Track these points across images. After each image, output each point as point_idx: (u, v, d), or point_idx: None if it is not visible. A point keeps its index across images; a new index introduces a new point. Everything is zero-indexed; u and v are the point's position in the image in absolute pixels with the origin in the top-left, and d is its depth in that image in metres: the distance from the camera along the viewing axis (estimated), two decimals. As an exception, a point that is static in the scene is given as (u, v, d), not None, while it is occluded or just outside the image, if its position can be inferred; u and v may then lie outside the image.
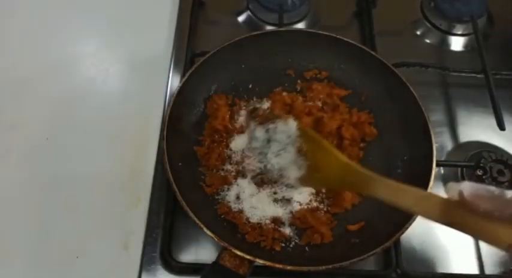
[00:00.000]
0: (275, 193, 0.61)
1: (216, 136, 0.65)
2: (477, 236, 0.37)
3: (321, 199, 0.62)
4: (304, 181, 0.55)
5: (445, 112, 0.74)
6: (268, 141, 0.57)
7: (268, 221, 0.59)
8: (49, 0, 0.81)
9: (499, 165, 0.65)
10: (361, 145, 0.66)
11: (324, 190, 0.62)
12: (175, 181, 0.55)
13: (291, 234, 0.59)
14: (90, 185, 0.64)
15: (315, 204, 0.61)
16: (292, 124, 0.56)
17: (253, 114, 0.59)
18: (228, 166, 0.63)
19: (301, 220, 0.59)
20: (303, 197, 0.61)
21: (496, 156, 0.66)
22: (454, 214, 0.36)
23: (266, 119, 0.57)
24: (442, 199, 0.38)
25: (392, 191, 0.44)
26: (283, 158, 0.56)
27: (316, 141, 0.54)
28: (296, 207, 0.60)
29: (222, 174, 0.62)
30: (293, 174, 0.55)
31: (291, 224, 0.60)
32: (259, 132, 0.58)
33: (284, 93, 0.69)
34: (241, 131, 0.65)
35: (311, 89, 0.69)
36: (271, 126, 0.57)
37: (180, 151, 0.61)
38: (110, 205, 0.63)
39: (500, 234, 0.33)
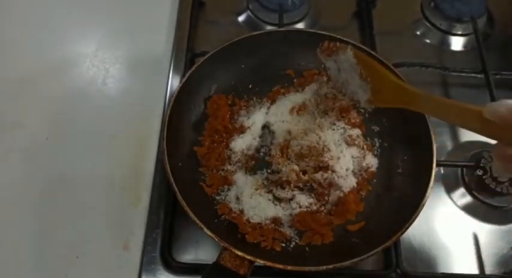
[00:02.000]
0: (274, 194, 0.61)
1: (216, 137, 0.65)
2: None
3: (322, 204, 0.61)
4: (371, 102, 0.58)
5: (445, 112, 0.74)
6: (339, 70, 0.60)
7: (268, 222, 0.59)
8: (49, 0, 0.81)
9: (499, 164, 0.65)
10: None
11: (326, 198, 0.61)
12: (175, 181, 0.55)
13: (292, 235, 0.59)
14: (90, 185, 0.64)
15: (315, 207, 0.60)
16: (349, 53, 0.57)
17: (321, 48, 0.61)
18: (228, 167, 0.63)
19: (301, 223, 0.59)
20: (302, 199, 0.60)
21: (496, 156, 0.66)
22: (491, 126, 0.41)
23: (331, 51, 0.60)
24: (480, 111, 0.42)
25: (436, 105, 0.49)
26: (352, 84, 0.58)
27: (371, 65, 0.57)
28: (296, 209, 0.60)
29: (222, 174, 0.62)
30: (362, 97, 0.58)
31: (291, 226, 0.60)
32: (330, 63, 0.60)
33: (282, 90, 0.69)
34: (241, 131, 0.65)
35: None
36: (336, 57, 0.59)
37: (180, 151, 0.61)
38: (110, 205, 0.63)
39: None
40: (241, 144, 0.63)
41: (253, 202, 0.59)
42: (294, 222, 0.59)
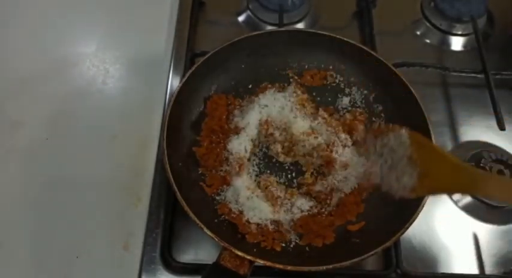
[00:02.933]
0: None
1: (214, 137, 0.64)
2: None
3: (323, 206, 0.61)
4: (415, 190, 0.53)
5: (445, 112, 0.74)
6: (382, 154, 0.56)
7: (268, 223, 0.59)
8: (50, 0, 0.81)
9: (499, 165, 0.65)
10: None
11: (328, 201, 0.61)
12: (175, 181, 0.55)
13: (292, 237, 0.59)
14: (90, 185, 0.64)
15: (316, 210, 0.60)
16: (403, 134, 0.54)
17: (371, 128, 0.59)
18: (226, 167, 0.62)
19: (303, 227, 0.59)
20: (303, 203, 0.60)
21: (496, 156, 0.66)
22: None
23: (381, 132, 0.57)
24: None
25: (505, 188, 0.44)
26: (397, 170, 0.54)
27: (426, 145, 0.53)
28: (297, 214, 0.60)
29: (222, 174, 0.62)
30: (406, 183, 0.53)
31: (292, 229, 0.59)
32: (373, 144, 0.57)
33: (269, 86, 0.69)
34: (236, 132, 0.64)
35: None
36: (385, 138, 0.56)
37: (180, 151, 0.61)
38: (110, 205, 0.63)
39: None
40: (237, 145, 0.63)
41: (251, 204, 0.59)
42: (296, 227, 0.59)
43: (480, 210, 0.65)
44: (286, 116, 0.64)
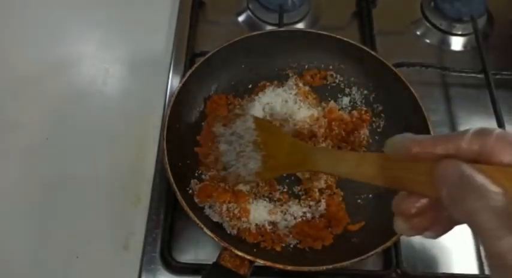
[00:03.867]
0: (270, 201, 0.60)
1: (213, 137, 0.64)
2: (413, 188, 0.33)
3: (314, 210, 0.60)
4: (260, 174, 0.53)
5: (445, 112, 0.74)
6: (231, 142, 0.56)
7: (266, 223, 0.58)
8: (50, 0, 0.81)
9: (499, 165, 0.65)
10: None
11: (321, 207, 0.60)
12: (175, 181, 0.55)
13: (291, 241, 0.58)
14: (90, 185, 0.64)
15: (309, 215, 0.59)
16: (249, 118, 0.56)
17: (217, 118, 0.59)
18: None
19: (300, 234, 0.58)
20: (296, 210, 0.59)
21: (496, 156, 0.65)
22: (393, 169, 0.34)
23: (229, 120, 0.57)
24: (379, 155, 0.36)
25: (333, 161, 0.43)
26: (244, 156, 0.55)
27: (269, 127, 0.55)
28: (292, 221, 0.59)
29: (222, 174, 0.62)
30: (251, 169, 0.54)
31: (289, 233, 0.58)
32: (222, 133, 0.58)
33: (268, 83, 0.69)
34: None
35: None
36: (233, 125, 0.57)
37: (180, 151, 0.61)
38: (110, 205, 0.63)
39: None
40: None
41: (249, 205, 0.59)
42: (294, 234, 0.58)
43: (480, 210, 0.65)
44: (290, 108, 0.64)
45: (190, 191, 0.58)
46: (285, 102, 0.65)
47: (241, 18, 0.82)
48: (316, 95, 0.69)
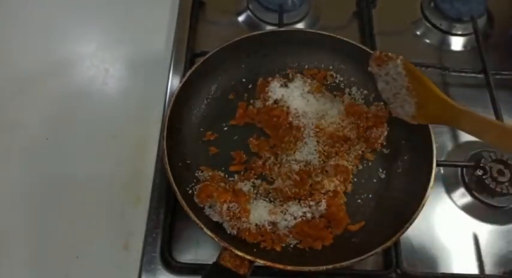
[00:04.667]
0: (270, 201, 0.60)
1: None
2: None
3: (314, 210, 0.60)
4: (415, 117, 0.58)
5: (445, 112, 0.74)
6: (387, 82, 0.60)
7: (266, 223, 0.58)
8: (49, 0, 0.81)
9: (499, 165, 0.65)
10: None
11: (321, 207, 0.59)
12: (175, 181, 0.55)
13: (291, 241, 0.58)
14: (90, 185, 0.64)
15: (309, 215, 0.59)
16: (399, 63, 0.57)
17: (373, 57, 0.61)
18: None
19: (299, 234, 0.58)
20: (296, 210, 0.59)
21: (496, 156, 0.66)
22: None
23: (382, 61, 0.60)
24: None
25: (479, 126, 0.50)
26: (399, 98, 0.59)
27: (418, 77, 0.57)
28: (291, 221, 0.58)
29: (222, 174, 0.62)
30: (408, 112, 0.59)
31: (289, 233, 0.58)
32: (379, 74, 0.61)
33: (269, 78, 0.69)
34: None
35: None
36: (387, 67, 0.59)
37: (180, 151, 0.61)
38: (110, 205, 0.63)
39: None
40: None
41: (249, 205, 0.59)
42: (293, 234, 0.58)
43: (480, 210, 0.65)
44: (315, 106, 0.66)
45: (190, 191, 0.58)
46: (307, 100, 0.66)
47: (241, 18, 0.82)
48: (329, 91, 0.69)
